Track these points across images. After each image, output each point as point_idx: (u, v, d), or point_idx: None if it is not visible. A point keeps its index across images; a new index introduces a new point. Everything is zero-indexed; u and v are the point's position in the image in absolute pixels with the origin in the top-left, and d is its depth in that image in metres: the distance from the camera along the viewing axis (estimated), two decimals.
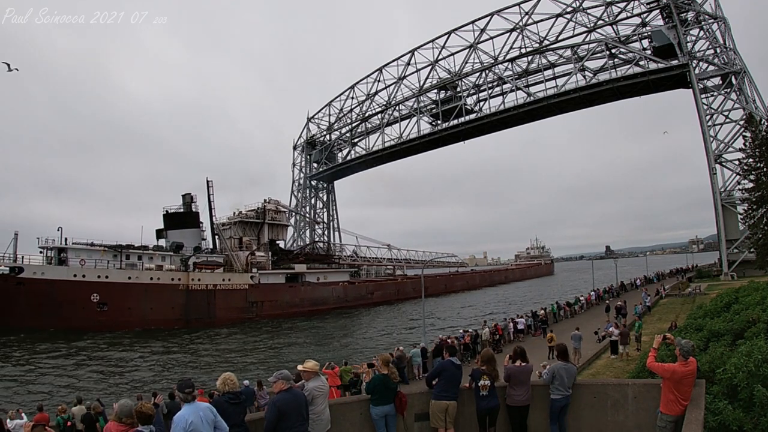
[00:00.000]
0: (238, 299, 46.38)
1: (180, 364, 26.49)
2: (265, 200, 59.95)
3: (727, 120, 45.96)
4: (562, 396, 5.60)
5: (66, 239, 40.63)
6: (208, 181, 51.50)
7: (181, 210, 52.54)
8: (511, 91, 59.85)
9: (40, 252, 40.53)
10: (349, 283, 60.49)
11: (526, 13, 56.86)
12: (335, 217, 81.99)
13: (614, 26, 53.34)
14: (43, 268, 38.35)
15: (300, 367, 5.26)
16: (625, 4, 52.24)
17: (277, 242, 59.73)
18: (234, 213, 58.98)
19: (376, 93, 71.96)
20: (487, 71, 61.45)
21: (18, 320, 35.70)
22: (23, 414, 10.74)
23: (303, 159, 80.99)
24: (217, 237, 53.15)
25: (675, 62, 47.73)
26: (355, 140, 76.51)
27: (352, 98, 74.96)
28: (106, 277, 39.55)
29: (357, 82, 73.87)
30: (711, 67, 47.31)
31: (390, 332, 35.88)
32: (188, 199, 53.26)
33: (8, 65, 35.07)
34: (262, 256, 53.09)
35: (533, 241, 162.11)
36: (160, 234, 52.04)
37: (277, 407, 4.45)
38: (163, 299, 41.34)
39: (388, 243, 75.22)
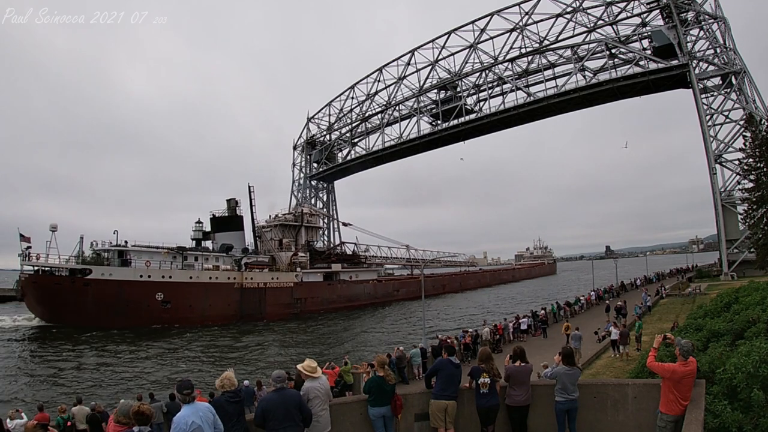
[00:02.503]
0: (284, 296, 49.63)
1: (248, 358, 27.16)
2: (300, 204, 64.90)
3: (727, 120, 45.94)
4: (566, 399, 5.58)
5: (126, 242, 43.15)
6: (249, 187, 55.61)
7: (226, 214, 56.20)
8: (511, 91, 59.83)
9: (95, 254, 43.31)
10: (378, 281, 64.60)
11: (526, 13, 56.86)
12: (335, 217, 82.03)
13: (614, 26, 53.31)
14: (111, 269, 40.21)
15: (298, 367, 5.28)
16: (625, 4, 52.22)
17: (311, 243, 63.26)
18: (270, 216, 62.48)
19: (376, 93, 71.99)
20: (487, 71, 61.42)
21: (86, 320, 37.30)
22: (23, 414, 10.73)
23: (303, 159, 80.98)
24: (258, 239, 56.82)
25: (675, 62, 47.71)
26: (355, 140, 76.49)
27: (352, 98, 75.01)
28: (170, 277, 41.94)
29: (357, 82, 73.93)
30: (711, 67, 47.28)
31: (414, 326, 38.05)
32: (233, 204, 56.74)
33: None
34: (303, 257, 56.74)
35: (536, 241, 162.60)
36: (206, 236, 55.26)
37: (261, 407, 4.60)
38: (220, 297, 44.15)
39: (407, 243, 76.85)
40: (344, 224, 74.38)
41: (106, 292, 38.25)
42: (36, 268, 39.21)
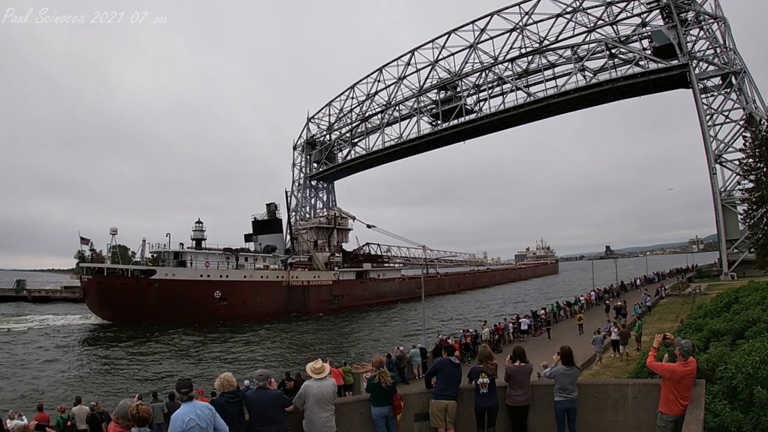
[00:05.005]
0: (325, 293, 54.01)
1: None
2: (332, 208, 70.47)
3: (727, 120, 45.90)
4: (565, 399, 5.57)
5: (182, 244, 46.92)
6: (286, 192, 61.80)
7: (266, 218, 61.40)
8: (511, 91, 59.77)
9: (152, 255, 46.43)
10: (402, 280, 69.43)
11: (526, 13, 56.81)
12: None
13: (614, 26, 53.27)
14: (173, 269, 43.28)
15: (307, 367, 5.32)
16: (625, 4, 52.18)
17: (341, 244, 67.78)
18: (305, 219, 68.16)
19: (376, 93, 71.91)
20: (487, 71, 61.39)
21: (149, 318, 39.53)
22: (24, 417, 10.74)
23: (303, 159, 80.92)
24: (294, 240, 62.08)
25: (675, 62, 47.67)
26: (355, 140, 76.46)
27: (352, 98, 74.94)
28: (227, 276, 45.45)
29: (357, 82, 73.85)
30: (711, 67, 47.25)
31: (438, 321, 39.98)
32: (272, 208, 62.20)
33: None
34: (338, 257, 61.49)
35: (538, 241, 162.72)
36: (248, 238, 59.99)
37: (245, 401, 4.71)
38: (270, 294, 47.92)
39: (423, 244, 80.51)
40: (369, 226, 75.84)
41: (169, 291, 40.79)
42: (99, 267, 41.67)
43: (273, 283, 48.74)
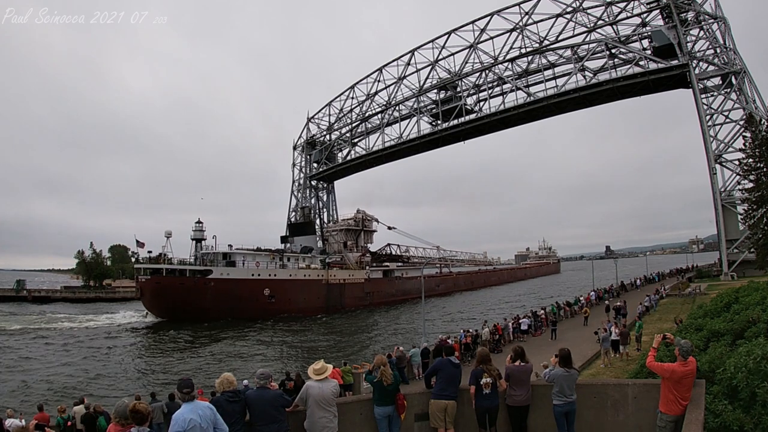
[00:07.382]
0: (358, 290, 58.47)
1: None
2: (358, 210, 73.48)
3: (727, 120, 45.88)
4: (564, 402, 5.53)
5: (230, 245, 50.02)
6: (319, 197, 67.24)
7: (301, 221, 66.55)
8: (511, 91, 59.72)
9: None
10: (424, 278, 70.09)
11: (526, 13, 56.78)
12: (335, 217, 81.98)
13: (614, 26, 53.23)
14: (227, 269, 46.41)
15: (309, 368, 5.32)
16: (625, 4, 52.15)
17: (367, 245, 72.12)
18: (330, 221, 72.58)
19: (376, 93, 71.86)
20: (487, 71, 61.36)
21: (205, 314, 41.94)
22: (22, 420, 10.72)
23: (303, 159, 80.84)
24: (325, 241, 67.20)
25: (675, 62, 47.65)
26: (355, 140, 76.44)
27: (352, 98, 74.90)
28: (275, 275, 49.21)
29: (357, 82, 73.82)
30: (711, 67, 47.22)
31: (458, 316, 43.46)
32: (307, 212, 68.15)
33: None
34: (368, 256, 66.37)
35: (541, 242, 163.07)
36: (284, 239, 64.54)
37: (246, 401, 4.74)
38: (312, 291, 52.01)
39: (437, 245, 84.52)
40: (389, 228, 77.23)
41: (223, 289, 43.70)
42: (156, 268, 44.25)
43: (314, 282, 52.86)
